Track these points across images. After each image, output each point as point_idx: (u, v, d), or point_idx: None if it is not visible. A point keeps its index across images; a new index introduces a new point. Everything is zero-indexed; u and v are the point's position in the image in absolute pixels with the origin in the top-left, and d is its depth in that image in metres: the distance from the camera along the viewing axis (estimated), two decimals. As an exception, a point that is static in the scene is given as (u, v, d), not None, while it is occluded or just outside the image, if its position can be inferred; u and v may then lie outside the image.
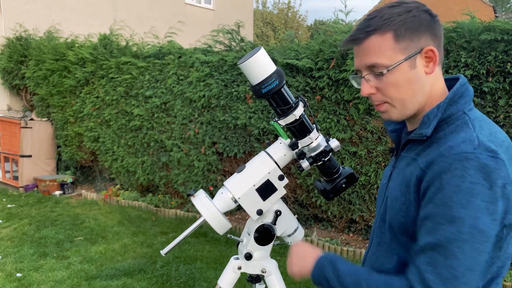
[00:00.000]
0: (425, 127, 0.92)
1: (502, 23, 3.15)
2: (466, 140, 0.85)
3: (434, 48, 0.91)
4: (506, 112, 3.25)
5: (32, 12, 7.90)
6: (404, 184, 0.94)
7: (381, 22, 0.91)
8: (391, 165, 1.10)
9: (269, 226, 1.49)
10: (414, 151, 0.97)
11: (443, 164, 0.84)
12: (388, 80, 0.92)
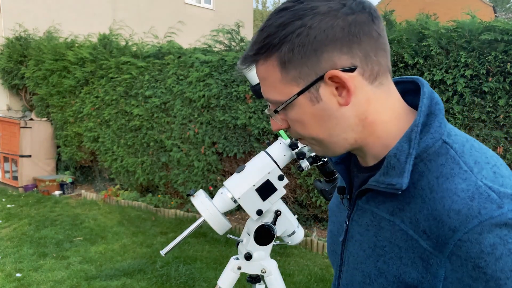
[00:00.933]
0: (394, 173, 0.62)
1: (502, 23, 3.15)
2: (475, 194, 0.56)
3: (340, 73, 0.60)
4: (506, 112, 3.25)
5: (31, 12, 7.90)
6: (385, 264, 0.64)
7: (263, 42, 0.63)
8: (344, 212, 0.78)
9: (269, 226, 1.49)
10: (381, 204, 0.67)
11: (470, 245, 0.54)
12: (290, 117, 0.67)
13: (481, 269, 0.53)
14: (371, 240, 0.67)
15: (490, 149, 0.65)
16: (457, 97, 3.38)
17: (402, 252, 0.61)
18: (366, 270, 0.67)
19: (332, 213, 0.85)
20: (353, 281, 0.71)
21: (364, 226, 0.69)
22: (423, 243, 0.59)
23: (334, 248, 0.79)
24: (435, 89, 3.44)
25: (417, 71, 3.49)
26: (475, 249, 0.53)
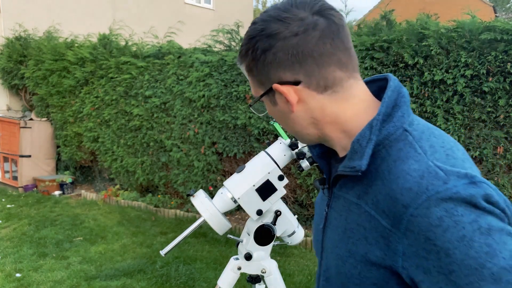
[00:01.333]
0: (357, 157, 0.68)
1: (502, 23, 3.15)
2: (424, 173, 0.61)
3: (280, 87, 0.72)
4: (506, 112, 3.24)
5: (31, 12, 7.90)
6: (353, 244, 0.70)
7: (241, 48, 0.76)
8: (324, 201, 0.83)
9: (269, 226, 1.49)
10: (350, 189, 0.73)
11: (420, 220, 0.59)
12: (270, 111, 0.82)
13: (431, 241, 0.58)
14: (343, 224, 0.73)
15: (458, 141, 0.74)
16: (457, 97, 3.37)
17: (367, 232, 0.67)
18: (340, 252, 0.73)
19: (317, 205, 0.91)
20: (330, 266, 0.76)
21: (338, 212, 0.76)
22: (383, 222, 0.64)
23: (317, 237, 0.85)
24: (435, 89, 3.44)
25: (417, 71, 3.49)
26: (424, 222, 0.59)
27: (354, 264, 0.69)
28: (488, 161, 3.35)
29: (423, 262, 0.60)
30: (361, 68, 3.68)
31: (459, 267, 0.57)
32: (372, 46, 3.65)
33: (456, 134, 3.40)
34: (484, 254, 0.56)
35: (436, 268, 0.59)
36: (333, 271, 0.75)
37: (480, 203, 0.58)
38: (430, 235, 0.58)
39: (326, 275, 0.78)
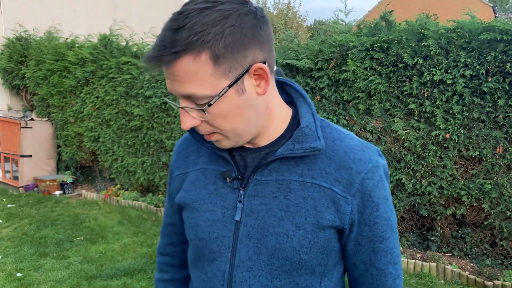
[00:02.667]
0: (310, 139, 0.77)
1: (501, 23, 3.16)
2: (364, 148, 0.79)
3: (263, 65, 0.71)
4: (505, 112, 3.25)
5: (32, 12, 7.91)
6: (301, 218, 0.76)
7: (191, 38, 0.65)
8: (231, 195, 0.81)
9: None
10: (287, 171, 0.79)
11: (368, 182, 0.76)
12: (214, 112, 0.72)
13: (372, 198, 0.77)
14: (283, 203, 0.77)
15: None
16: (457, 97, 3.38)
17: (317, 202, 0.77)
18: (283, 230, 0.76)
19: (202, 203, 0.83)
20: (261, 250, 0.78)
21: (269, 195, 0.79)
22: (335, 188, 0.77)
23: (220, 233, 0.81)
24: (434, 89, 3.45)
25: (417, 71, 3.50)
26: (370, 184, 0.77)
27: (304, 234, 0.76)
28: (487, 161, 3.36)
29: (359, 216, 0.78)
30: (361, 69, 3.69)
31: (380, 219, 0.78)
32: (371, 47, 3.65)
33: (455, 134, 3.41)
34: (390, 211, 0.80)
35: (366, 221, 0.78)
36: (265, 256, 0.77)
37: (388, 171, 0.82)
38: (372, 193, 0.77)
39: (246, 265, 0.79)
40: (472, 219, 3.58)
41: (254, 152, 0.82)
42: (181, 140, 0.96)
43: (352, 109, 3.87)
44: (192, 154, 0.91)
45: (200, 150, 0.90)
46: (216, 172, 0.84)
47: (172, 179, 0.95)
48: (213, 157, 0.86)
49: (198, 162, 0.89)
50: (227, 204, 0.81)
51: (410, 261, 3.60)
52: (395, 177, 3.73)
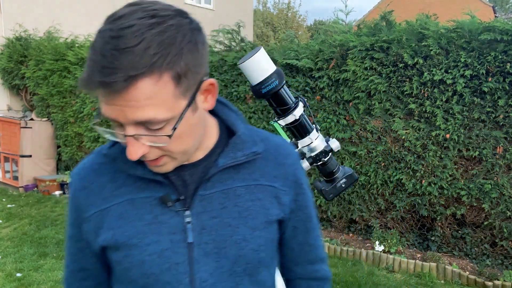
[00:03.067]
0: (249, 145, 0.80)
1: (501, 23, 3.16)
2: (285, 143, 0.87)
3: (213, 80, 0.71)
4: (505, 112, 3.25)
5: (32, 12, 7.91)
6: (254, 219, 0.79)
7: (151, 59, 0.59)
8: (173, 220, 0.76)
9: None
10: (229, 180, 0.79)
11: (297, 171, 0.86)
12: (173, 135, 0.68)
13: (302, 184, 0.87)
14: (233, 211, 0.78)
15: None
16: (457, 97, 3.38)
17: (263, 201, 0.80)
18: (240, 236, 0.78)
19: (141, 237, 0.75)
20: (223, 264, 0.77)
21: (218, 207, 0.78)
22: (275, 184, 0.82)
23: (172, 262, 0.75)
24: (434, 89, 3.45)
25: (417, 71, 3.50)
26: (298, 172, 0.86)
27: (259, 234, 0.79)
28: (487, 161, 3.36)
29: (295, 203, 0.86)
30: (361, 69, 3.69)
31: (308, 202, 0.89)
32: (371, 47, 3.65)
33: (455, 134, 3.41)
34: (309, 190, 0.90)
35: (300, 206, 0.87)
36: (227, 267, 0.77)
37: None
38: (301, 181, 0.86)
39: (209, 283, 0.76)
40: (472, 219, 3.58)
41: (191, 168, 0.78)
42: (82, 172, 0.81)
43: (352, 109, 3.87)
44: (107, 186, 0.78)
45: (116, 179, 0.78)
46: (149, 200, 0.76)
47: (84, 220, 0.79)
48: (140, 183, 0.77)
49: (118, 193, 0.77)
50: (173, 229, 0.76)
51: (410, 261, 3.60)
52: (395, 177, 3.73)
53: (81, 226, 0.80)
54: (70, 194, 0.83)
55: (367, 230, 4.20)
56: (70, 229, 0.83)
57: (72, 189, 0.81)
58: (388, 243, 3.78)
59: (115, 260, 0.77)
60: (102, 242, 0.77)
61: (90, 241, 0.80)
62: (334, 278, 3.48)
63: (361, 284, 3.38)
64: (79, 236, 0.82)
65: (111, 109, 0.63)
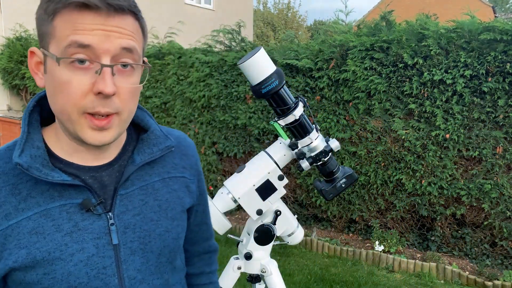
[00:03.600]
0: (162, 140, 0.83)
1: (501, 23, 3.16)
2: (183, 134, 0.94)
3: None
4: (505, 112, 3.25)
5: (32, 12, 7.85)
6: (173, 210, 0.83)
7: (135, 5, 0.69)
8: (96, 223, 0.74)
9: (268, 226, 1.50)
10: (145, 176, 0.81)
11: (198, 161, 0.94)
12: (133, 81, 0.69)
13: (200, 172, 0.95)
14: (154, 205, 0.81)
15: None
16: (457, 97, 3.38)
17: (178, 191, 0.86)
18: (162, 228, 0.81)
19: (64, 249, 0.71)
20: (149, 258, 0.79)
21: (139, 205, 0.79)
22: (185, 174, 0.88)
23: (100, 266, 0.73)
24: (434, 89, 3.45)
25: (417, 71, 3.50)
26: (198, 161, 0.94)
27: (177, 223, 0.84)
28: (487, 161, 3.36)
29: (198, 189, 0.93)
30: (361, 69, 3.69)
31: (205, 186, 0.96)
32: (371, 47, 3.66)
33: (455, 134, 3.41)
34: None
35: (201, 192, 0.95)
36: (153, 260, 0.79)
37: None
38: (200, 168, 0.94)
39: (137, 279, 0.77)
40: (472, 219, 3.58)
41: (107, 168, 0.77)
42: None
43: (352, 109, 3.87)
44: (8, 200, 0.69)
45: (19, 192, 0.70)
46: (66, 208, 0.71)
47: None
48: (51, 192, 0.71)
49: (25, 206, 0.70)
50: (96, 234, 0.73)
51: (410, 261, 3.60)
52: (395, 177, 3.73)
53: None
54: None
55: (367, 230, 4.20)
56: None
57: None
58: (388, 243, 3.78)
59: (31, 282, 0.69)
60: (12, 264, 0.68)
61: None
62: (334, 278, 3.48)
63: (361, 284, 3.38)
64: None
65: (94, 35, 0.63)
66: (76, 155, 0.74)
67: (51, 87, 0.67)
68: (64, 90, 0.65)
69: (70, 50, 0.64)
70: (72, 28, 0.63)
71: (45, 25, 0.67)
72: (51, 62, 0.66)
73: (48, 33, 0.67)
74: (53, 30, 0.66)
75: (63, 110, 0.66)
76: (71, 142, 0.73)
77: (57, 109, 0.68)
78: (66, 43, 0.64)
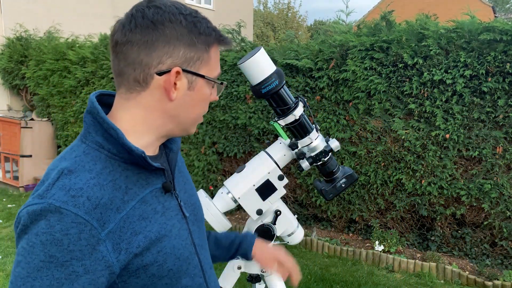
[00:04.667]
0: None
1: (501, 23, 3.16)
2: None
3: None
4: (505, 112, 3.25)
5: (32, 12, 7.91)
6: (192, 186, 1.04)
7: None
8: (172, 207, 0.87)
9: (268, 226, 1.50)
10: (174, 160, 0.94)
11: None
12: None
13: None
14: (187, 183, 1.00)
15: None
16: (457, 97, 3.39)
17: (185, 172, 1.03)
18: (198, 200, 1.01)
19: (164, 226, 0.81)
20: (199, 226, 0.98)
21: (182, 184, 0.96)
22: (180, 156, 1.03)
23: (184, 238, 0.88)
24: (434, 89, 3.45)
25: (417, 71, 3.50)
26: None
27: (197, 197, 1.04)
28: (487, 161, 3.36)
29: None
30: (361, 69, 3.69)
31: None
32: (371, 47, 3.66)
33: (455, 134, 3.41)
34: None
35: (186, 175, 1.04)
36: (202, 227, 0.99)
37: None
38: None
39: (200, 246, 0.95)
40: (472, 219, 3.58)
41: (160, 157, 0.90)
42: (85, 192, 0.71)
43: (352, 109, 3.88)
44: (116, 195, 0.75)
45: (119, 186, 0.77)
46: (154, 193, 0.82)
47: (99, 242, 0.71)
48: (140, 181, 0.80)
49: (128, 198, 0.77)
50: (175, 210, 0.88)
51: (410, 261, 3.61)
52: (395, 177, 3.73)
53: (95, 252, 0.70)
54: (67, 223, 0.68)
55: (367, 230, 4.20)
56: (64, 268, 0.68)
57: (74, 216, 0.68)
58: (388, 243, 3.79)
59: (148, 263, 0.77)
60: (136, 250, 0.74)
61: (111, 262, 0.72)
62: (334, 278, 3.49)
63: (361, 284, 3.38)
64: (81, 271, 0.69)
65: (218, 63, 0.88)
66: (146, 147, 0.85)
67: (194, 101, 0.85)
68: (206, 103, 0.88)
69: (216, 78, 0.86)
70: (218, 61, 0.87)
71: (198, 52, 0.81)
72: (203, 83, 0.84)
73: (201, 59, 0.82)
74: (208, 59, 0.83)
75: (198, 116, 0.87)
76: (152, 138, 0.85)
77: (192, 116, 0.86)
78: (216, 73, 0.86)
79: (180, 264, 0.83)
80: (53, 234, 0.67)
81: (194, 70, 0.81)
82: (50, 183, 0.71)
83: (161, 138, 0.88)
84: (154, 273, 0.78)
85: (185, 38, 0.78)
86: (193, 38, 0.79)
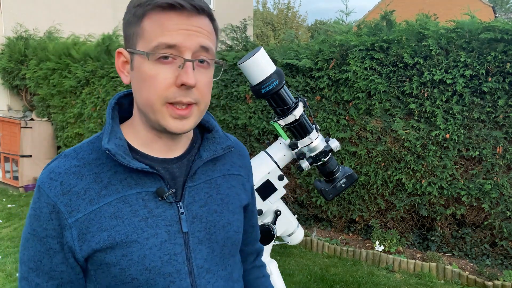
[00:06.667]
0: (223, 140, 0.90)
1: (501, 23, 3.16)
2: (234, 137, 0.98)
3: None
4: (505, 112, 3.25)
5: (32, 12, 7.91)
6: (233, 205, 0.89)
7: (209, 8, 0.76)
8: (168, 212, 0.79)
9: (268, 226, 1.50)
10: (209, 171, 0.87)
11: (250, 162, 1.00)
12: (209, 75, 0.77)
13: (251, 173, 1.00)
14: (217, 198, 0.87)
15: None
16: (457, 97, 3.38)
17: (236, 188, 0.91)
18: (225, 220, 0.86)
19: (140, 232, 0.76)
20: (214, 248, 0.84)
21: (204, 197, 0.85)
22: (241, 173, 0.94)
23: (172, 252, 0.78)
24: (434, 89, 3.45)
25: (417, 71, 3.50)
26: (250, 163, 1.01)
27: (237, 217, 0.89)
28: (487, 161, 3.36)
29: (251, 190, 0.97)
30: (361, 69, 3.69)
31: (254, 189, 1.02)
32: (372, 47, 3.65)
33: (455, 134, 3.41)
34: None
35: (251, 190, 0.98)
36: (217, 250, 0.84)
37: None
38: (252, 171, 0.99)
39: (204, 269, 0.82)
40: (472, 219, 3.58)
41: (177, 161, 0.84)
42: (59, 177, 0.76)
43: (352, 109, 3.87)
44: (92, 187, 0.76)
45: (101, 180, 0.77)
46: (142, 195, 0.78)
47: (65, 227, 0.74)
48: (129, 180, 0.78)
49: (106, 193, 0.76)
50: (168, 221, 0.79)
51: (410, 261, 3.60)
52: (395, 177, 3.73)
53: (62, 235, 0.74)
54: (42, 202, 0.75)
55: (367, 230, 4.20)
56: (43, 243, 0.75)
57: (46, 196, 0.74)
58: (388, 243, 3.78)
59: (110, 262, 0.75)
60: (95, 246, 0.74)
61: (74, 249, 0.74)
62: (334, 278, 3.48)
63: (361, 284, 3.38)
64: (58, 248, 0.75)
65: (178, 35, 0.71)
66: (151, 147, 0.81)
67: (138, 82, 0.74)
68: (150, 83, 0.72)
69: (158, 49, 0.71)
70: (159, 29, 0.71)
71: (133, 27, 0.74)
72: (139, 59, 0.73)
73: (136, 33, 0.74)
74: (141, 31, 0.73)
75: (148, 100, 0.73)
76: (148, 134, 0.80)
77: (142, 101, 0.74)
78: (155, 43, 0.71)
79: (150, 277, 0.76)
80: (35, 210, 0.76)
81: (132, 47, 0.74)
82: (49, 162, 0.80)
83: (158, 132, 0.79)
84: (116, 275, 0.75)
85: (126, 17, 0.75)
86: (130, 14, 0.74)
